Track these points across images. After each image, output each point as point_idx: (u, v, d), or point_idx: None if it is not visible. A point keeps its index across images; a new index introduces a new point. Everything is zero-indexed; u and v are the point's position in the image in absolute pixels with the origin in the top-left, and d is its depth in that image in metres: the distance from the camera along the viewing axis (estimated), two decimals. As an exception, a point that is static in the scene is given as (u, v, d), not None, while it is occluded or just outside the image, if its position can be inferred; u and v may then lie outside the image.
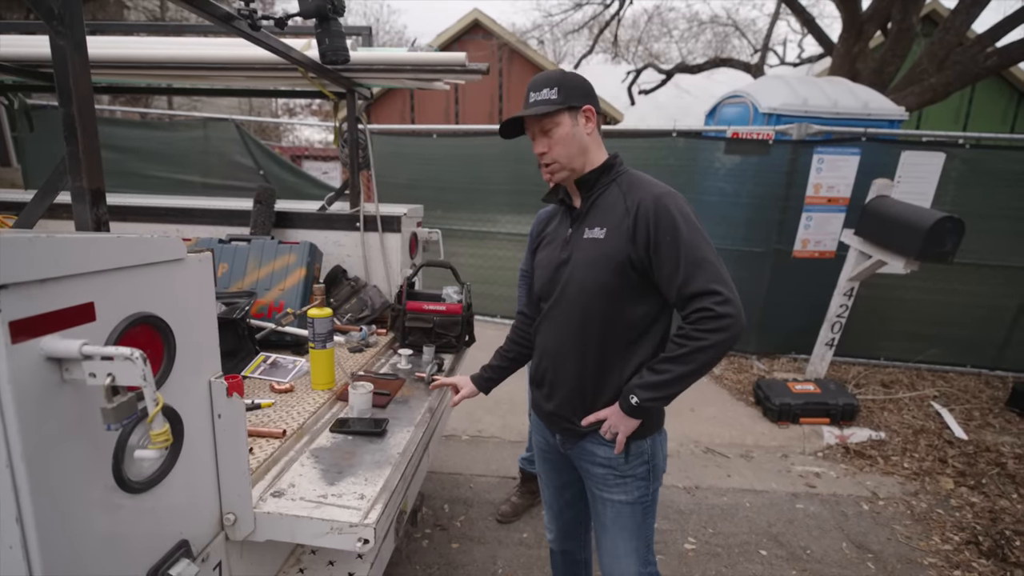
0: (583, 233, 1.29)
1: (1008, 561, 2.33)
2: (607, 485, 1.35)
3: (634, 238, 1.20)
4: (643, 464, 1.33)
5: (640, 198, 1.21)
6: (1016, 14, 6.15)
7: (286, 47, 1.72)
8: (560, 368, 1.35)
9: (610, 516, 1.36)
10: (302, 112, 17.95)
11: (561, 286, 1.31)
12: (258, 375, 1.76)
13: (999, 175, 3.83)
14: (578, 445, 1.38)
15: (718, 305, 1.13)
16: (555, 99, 1.22)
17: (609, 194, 1.28)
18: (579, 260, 1.28)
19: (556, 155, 1.26)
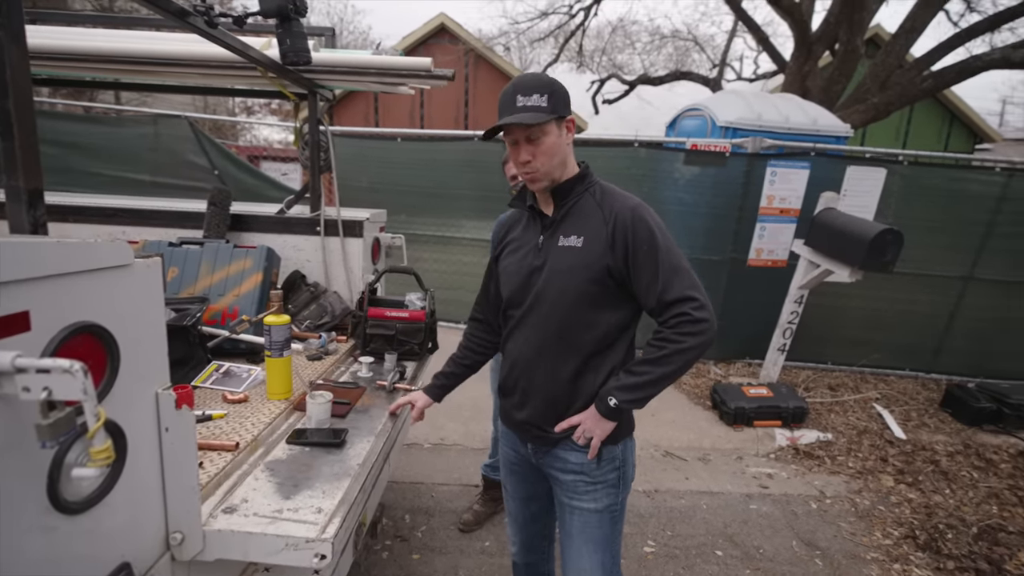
0: (557, 240, 1.28)
1: (941, 553, 2.47)
2: (576, 492, 1.34)
3: (612, 247, 1.22)
4: (614, 470, 1.33)
5: (617, 209, 1.24)
6: (947, 42, 6.62)
7: (244, 46, 1.67)
8: (534, 376, 1.34)
9: (577, 525, 1.35)
10: (261, 111, 17.41)
11: (535, 293, 1.30)
12: (210, 385, 1.69)
13: (934, 190, 4.10)
14: (550, 453, 1.37)
15: (695, 310, 1.17)
16: (545, 107, 1.20)
17: (584, 203, 1.29)
18: (555, 267, 1.27)
19: (540, 164, 1.24)
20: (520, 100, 1.20)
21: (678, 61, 15.17)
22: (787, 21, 7.13)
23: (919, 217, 4.02)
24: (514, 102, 1.21)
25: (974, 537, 2.54)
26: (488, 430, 3.38)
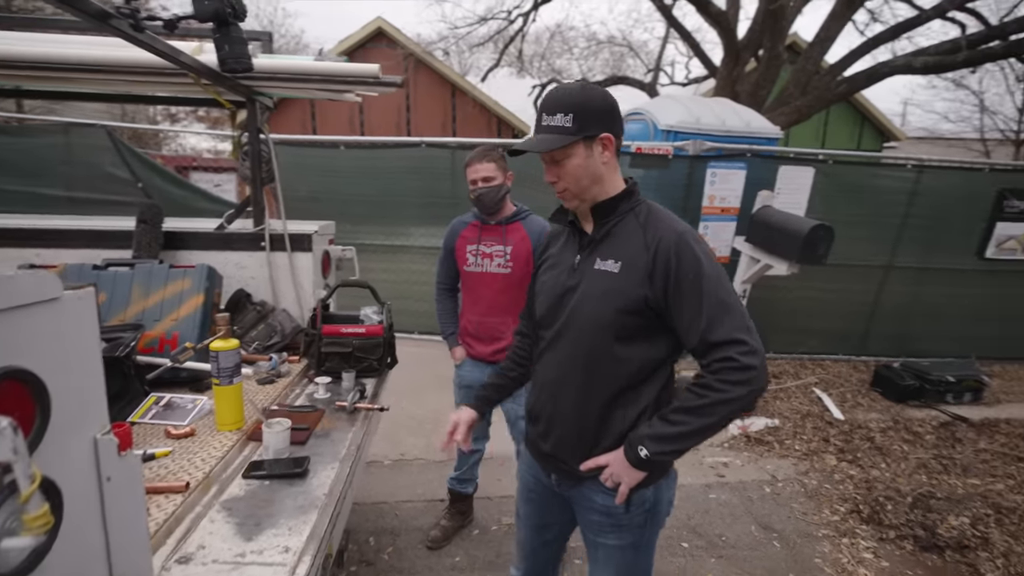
0: (594, 263, 1.19)
1: (883, 524, 2.65)
2: (601, 531, 1.28)
3: (652, 277, 1.11)
4: (643, 513, 1.24)
5: (661, 234, 1.12)
6: (856, 50, 7.18)
7: (175, 51, 1.55)
8: (559, 404, 1.25)
9: (602, 558, 1.31)
10: (186, 118, 16.44)
11: (566, 316, 1.22)
12: (150, 420, 1.55)
13: (856, 186, 4.42)
14: (574, 488, 1.29)
15: (743, 355, 1.04)
16: (569, 128, 1.11)
17: (626, 224, 1.19)
18: (588, 292, 1.18)
19: (567, 184, 1.17)
20: (544, 119, 1.14)
21: (614, 66, 15.62)
22: (715, 29, 7.50)
23: (844, 212, 4.32)
24: (540, 121, 1.15)
25: (910, 506, 2.74)
26: (450, 441, 3.32)
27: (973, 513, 2.65)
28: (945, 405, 4.03)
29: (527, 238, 2.07)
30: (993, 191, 4.44)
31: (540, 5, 9.77)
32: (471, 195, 2.05)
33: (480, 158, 2.02)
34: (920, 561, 2.42)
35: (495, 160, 2.03)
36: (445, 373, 4.36)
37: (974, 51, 6.41)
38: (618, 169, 1.22)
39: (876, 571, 2.35)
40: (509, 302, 2.09)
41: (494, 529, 2.55)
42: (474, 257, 2.09)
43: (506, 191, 2.07)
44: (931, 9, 6.97)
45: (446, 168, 4.55)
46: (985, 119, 14.36)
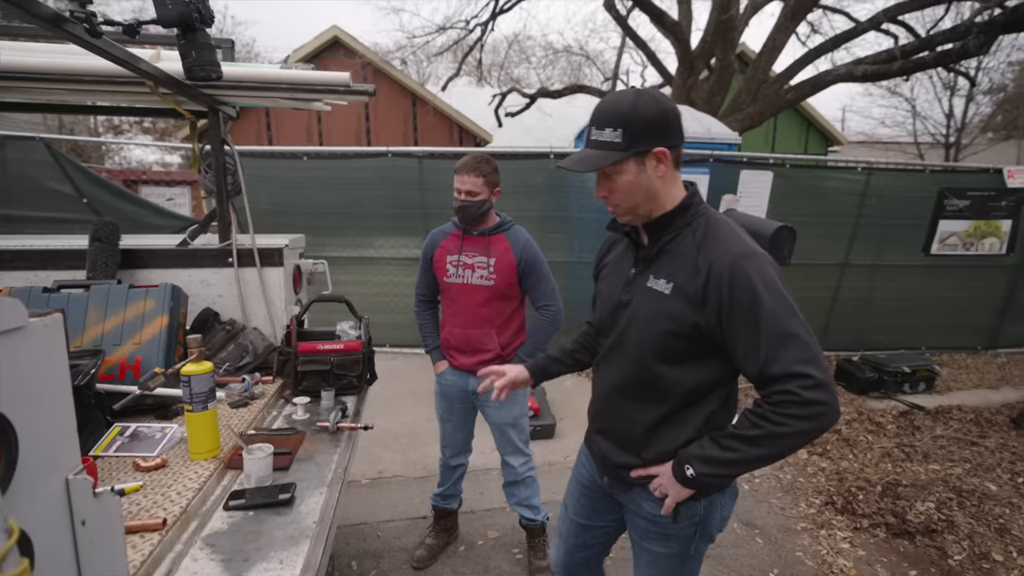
0: (647, 280, 1.15)
1: (857, 513, 2.74)
2: (647, 536, 1.28)
3: (704, 303, 1.04)
4: (692, 526, 1.21)
5: (714, 257, 1.04)
6: (800, 60, 7.56)
7: (134, 58, 1.46)
8: (614, 416, 1.26)
9: (645, 561, 1.31)
10: (131, 129, 15.66)
11: (619, 331, 1.21)
12: (114, 452, 1.44)
13: (812, 189, 4.62)
14: (625, 493, 1.30)
15: (806, 390, 0.96)
16: (619, 143, 1.06)
17: (682, 241, 1.12)
18: (639, 311, 1.15)
19: (618, 200, 1.14)
20: (594, 133, 1.09)
21: (572, 75, 15.89)
22: (670, 39, 7.74)
23: (801, 213, 4.50)
24: (589, 134, 1.10)
25: (879, 495, 2.84)
26: (428, 457, 3.24)
27: (937, 498, 2.77)
28: (902, 395, 4.24)
29: (510, 250, 2.04)
30: (934, 191, 4.73)
31: (498, 15, 9.84)
32: (454, 203, 2.01)
33: (470, 170, 1.97)
34: (893, 547, 2.51)
35: (484, 175, 1.97)
36: (420, 387, 4.29)
37: (907, 61, 6.85)
38: (677, 180, 1.15)
39: (854, 560, 2.42)
40: (491, 314, 2.05)
41: (480, 544, 2.50)
42: (455, 268, 2.05)
43: (488, 207, 2.02)
44: (866, 21, 7.41)
45: (414, 178, 4.49)
46: (917, 124, 15.36)
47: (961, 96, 14.18)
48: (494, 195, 2.03)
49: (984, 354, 5.37)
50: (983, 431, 3.71)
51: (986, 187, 4.77)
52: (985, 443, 3.51)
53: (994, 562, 2.37)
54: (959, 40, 6.34)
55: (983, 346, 5.38)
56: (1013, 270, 5.11)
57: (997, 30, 6.06)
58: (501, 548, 2.47)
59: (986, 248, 4.94)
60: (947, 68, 8.33)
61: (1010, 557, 2.41)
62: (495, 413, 2.16)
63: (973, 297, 5.13)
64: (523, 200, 4.49)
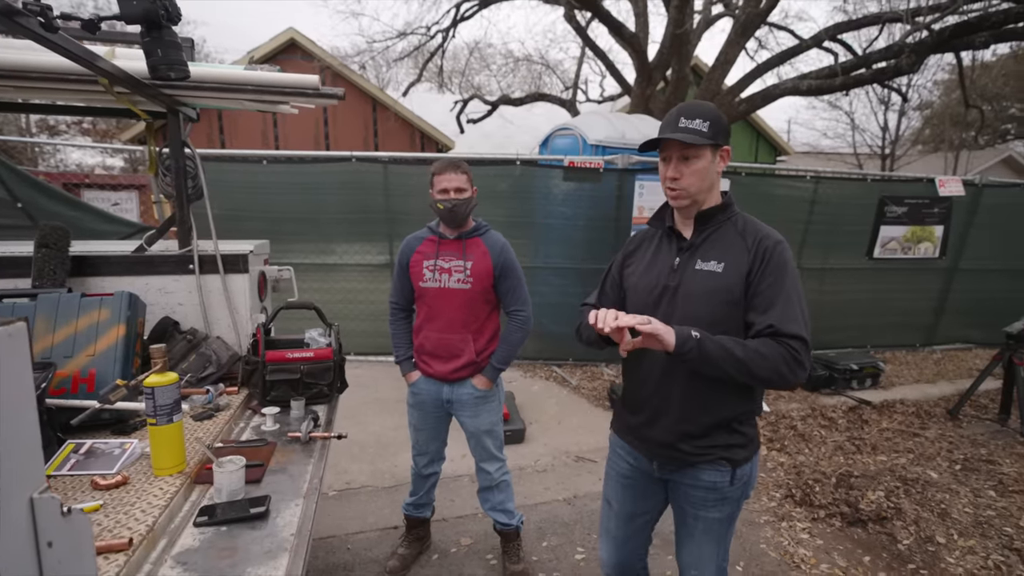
0: (695, 264, 1.32)
1: (814, 505, 2.87)
2: (705, 505, 1.39)
3: (749, 272, 1.26)
4: (742, 486, 1.39)
5: (761, 238, 1.28)
6: (750, 73, 7.94)
7: (91, 55, 1.39)
8: (666, 394, 1.36)
9: (700, 528, 1.42)
10: (69, 130, 14.77)
11: (666, 313, 1.32)
12: (68, 471, 1.35)
13: (766, 196, 4.84)
14: (680, 471, 1.40)
15: (803, 352, 1.20)
16: (706, 132, 1.25)
17: (725, 231, 1.33)
18: (692, 290, 1.30)
19: (687, 184, 1.29)
20: (683, 122, 1.26)
21: (532, 83, 16.08)
22: (628, 50, 7.97)
23: (757, 218, 4.69)
24: (676, 122, 1.27)
25: (834, 486, 2.99)
26: (396, 466, 3.19)
27: (886, 487, 2.94)
28: (851, 391, 4.48)
29: (487, 254, 2.05)
30: (875, 199, 5.04)
31: (459, 22, 9.87)
32: (439, 205, 1.98)
33: (454, 168, 1.97)
34: (848, 535, 2.64)
35: (467, 172, 2.01)
36: (386, 395, 4.22)
37: (847, 76, 7.29)
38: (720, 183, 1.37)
39: (813, 549, 2.53)
40: (468, 318, 2.05)
41: (454, 552, 2.47)
42: (431, 272, 2.04)
43: (474, 204, 2.03)
44: (809, 39, 7.86)
45: (378, 183, 4.43)
46: (856, 136, 16.35)
47: (895, 111, 15.21)
48: (474, 193, 2.04)
49: (922, 351, 5.75)
50: (924, 423, 3.96)
51: (921, 195, 5.13)
52: (926, 434, 3.75)
53: (938, 544, 2.54)
54: (893, 59, 6.81)
55: (921, 343, 5.76)
56: (945, 272, 5.50)
57: (927, 50, 6.54)
58: (475, 555, 2.45)
59: (921, 252, 5.30)
60: (882, 84, 8.93)
61: (952, 539, 2.58)
62: (471, 421, 2.15)
63: (911, 298, 5.49)
64: (488, 206, 4.49)
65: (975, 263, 5.50)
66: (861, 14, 8.36)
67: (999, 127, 16.70)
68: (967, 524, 2.69)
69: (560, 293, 4.59)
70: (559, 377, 4.73)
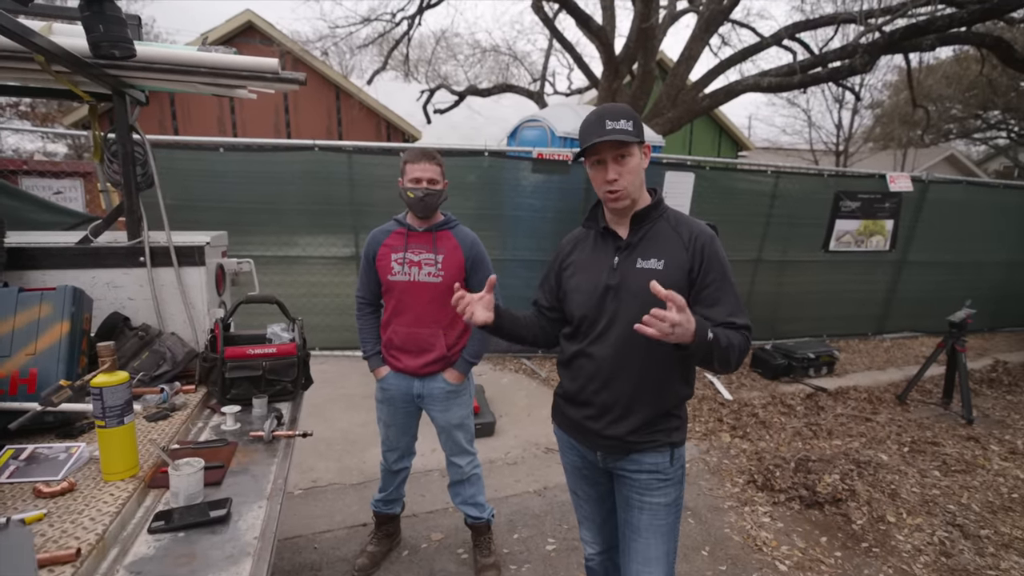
0: (635, 263, 1.36)
1: (775, 489, 2.97)
2: (649, 489, 1.42)
3: (691, 269, 1.32)
4: (680, 467, 1.45)
5: (696, 232, 1.35)
6: (713, 69, 8.08)
7: (26, 30, 1.28)
8: (616, 388, 1.39)
9: (646, 520, 1.43)
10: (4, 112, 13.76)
11: (612, 312, 1.37)
12: (7, 478, 1.26)
13: (728, 190, 4.95)
14: (624, 458, 1.44)
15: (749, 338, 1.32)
16: (631, 131, 1.30)
17: (660, 228, 1.38)
18: (634, 288, 1.33)
19: (625, 183, 1.32)
20: (609, 124, 1.29)
21: (499, 74, 15.94)
22: (595, 43, 7.98)
23: (720, 212, 4.80)
24: (603, 125, 1.30)
25: (793, 471, 3.10)
26: (365, 463, 3.13)
27: (841, 470, 3.07)
28: (808, 379, 4.65)
29: (459, 247, 2.01)
30: (831, 194, 5.23)
31: (425, 9, 9.67)
32: (408, 193, 1.93)
33: (428, 158, 1.93)
34: (806, 518, 2.75)
35: (441, 164, 1.97)
36: (353, 391, 4.14)
37: (806, 75, 7.51)
38: None
39: (774, 532, 2.63)
40: (439, 312, 2.01)
41: (424, 547, 2.45)
42: (400, 265, 1.99)
43: (445, 197, 2.00)
44: (770, 37, 8.05)
45: (343, 173, 4.31)
46: (812, 133, 16.94)
47: (848, 109, 15.84)
48: (445, 185, 2.00)
49: (873, 339, 6.03)
50: (875, 408, 4.16)
51: (873, 190, 5.35)
52: (877, 419, 3.93)
53: (889, 523, 2.67)
54: (848, 58, 7.05)
55: (872, 332, 6.03)
56: (895, 265, 5.77)
57: (879, 51, 6.80)
58: (446, 550, 2.44)
59: (873, 245, 5.54)
60: (837, 83, 9.24)
61: (901, 518, 2.71)
62: (442, 415, 2.13)
63: (864, 289, 5.74)
64: (457, 198, 4.42)
65: (922, 255, 5.79)
66: (818, 14, 8.63)
67: (943, 127, 17.61)
68: (915, 503, 2.84)
69: (528, 286, 4.58)
70: (528, 369, 4.74)
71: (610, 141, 1.28)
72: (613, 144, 1.30)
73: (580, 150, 1.34)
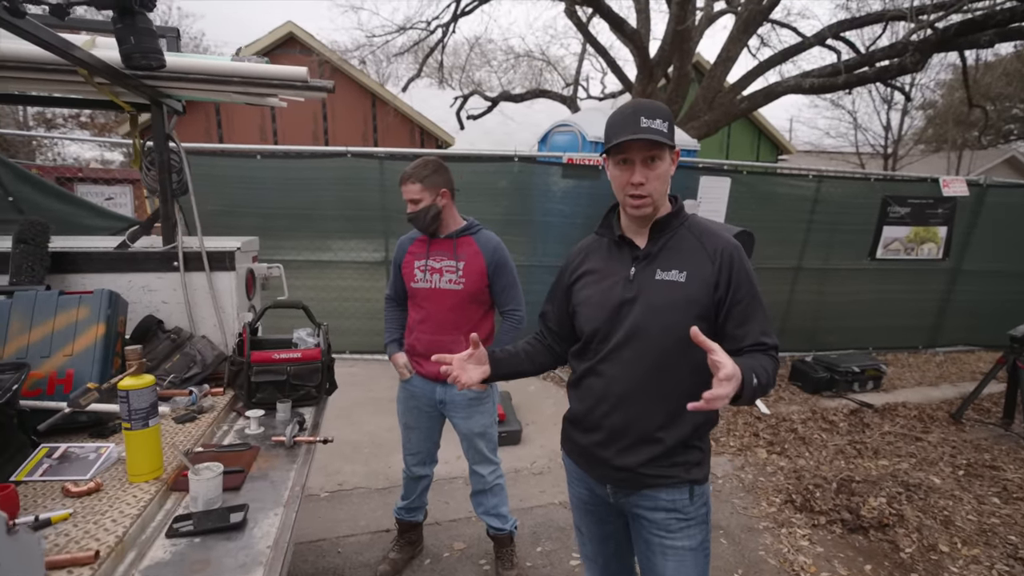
0: (654, 274, 1.24)
1: (814, 511, 2.82)
2: (670, 531, 1.28)
3: (717, 284, 1.21)
4: (704, 505, 1.31)
5: (723, 246, 1.23)
6: (752, 71, 7.86)
7: (65, 43, 1.32)
8: (628, 411, 1.26)
9: (672, 568, 1.28)
10: (67, 123, 14.67)
11: (628, 327, 1.24)
12: (40, 477, 1.30)
13: (768, 195, 4.77)
14: (636, 493, 1.30)
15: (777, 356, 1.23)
16: (667, 133, 1.18)
17: (681, 238, 1.27)
18: (654, 302, 1.22)
19: (652, 188, 1.20)
20: (644, 122, 1.16)
21: (533, 79, 15.98)
22: (629, 47, 7.87)
23: (758, 218, 4.63)
24: (638, 122, 1.16)
25: (835, 492, 2.94)
26: (391, 468, 3.14)
27: (888, 493, 2.89)
28: (852, 394, 4.42)
29: (480, 253, 1.99)
30: (878, 199, 4.97)
31: (459, 17, 9.78)
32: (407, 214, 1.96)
33: (407, 178, 1.92)
34: (849, 543, 2.59)
35: (422, 179, 1.91)
36: (381, 394, 4.16)
37: (851, 75, 7.21)
38: None
39: (813, 557, 2.48)
40: (460, 319, 2.00)
41: (446, 556, 2.42)
42: (422, 273, 1.99)
43: (436, 211, 1.95)
44: (812, 37, 7.77)
45: (374, 179, 4.37)
46: (859, 135, 16.26)
47: (897, 110, 15.12)
48: (441, 197, 1.95)
49: (924, 353, 5.69)
50: (926, 427, 3.91)
51: (924, 195, 5.06)
52: (928, 438, 3.70)
53: (941, 553, 2.48)
54: (897, 57, 6.73)
55: (923, 345, 5.70)
56: (949, 273, 5.44)
57: (931, 48, 6.46)
58: (468, 560, 2.40)
59: (925, 253, 5.24)
60: (885, 83, 8.84)
61: (955, 548, 2.52)
62: (464, 423, 2.10)
63: (914, 299, 5.43)
64: (486, 203, 4.45)
65: (979, 264, 5.43)
66: (864, 12, 8.27)
67: (1002, 127, 16.61)
68: (971, 532, 2.64)
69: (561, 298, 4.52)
70: (557, 377, 4.68)
71: (642, 140, 1.14)
72: (645, 144, 1.16)
73: (607, 146, 1.20)
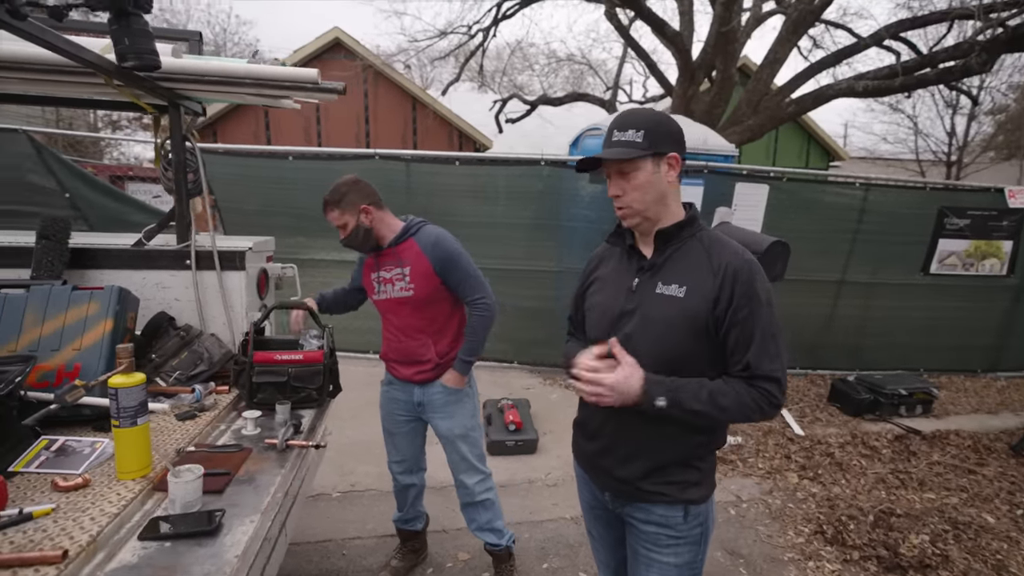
0: (655, 287, 1.20)
1: (847, 545, 2.61)
2: (658, 545, 1.26)
3: (716, 301, 1.14)
4: (698, 526, 1.27)
5: (727, 260, 1.15)
6: (802, 73, 7.51)
7: (73, 46, 1.35)
8: (620, 423, 1.25)
9: None
10: (130, 125, 15.59)
11: (623, 340, 1.19)
12: (36, 468, 1.33)
13: (810, 203, 4.52)
14: (630, 504, 1.30)
15: (779, 395, 1.15)
16: (639, 143, 1.15)
17: (689, 250, 1.20)
18: (651, 316, 1.19)
19: (630, 200, 1.18)
20: (616, 135, 1.18)
21: (574, 83, 15.86)
22: (671, 50, 7.67)
23: (798, 228, 4.39)
24: (610, 137, 1.19)
25: (871, 525, 2.71)
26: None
27: (932, 530, 2.65)
28: (898, 418, 4.11)
29: (422, 254, 1.91)
30: (934, 209, 4.62)
31: (500, 21, 9.80)
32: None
33: (325, 206, 1.89)
34: (884, 582, 2.38)
35: (337, 204, 1.86)
36: (399, 395, 4.17)
37: (909, 77, 6.77)
38: (680, 194, 1.24)
39: (842, 595, 2.30)
40: (423, 322, 1.97)
41: (449, 566, 2.37)
42: (378, 285, 1.99)
43: (365, 230, 1.89)
44: (868, 37, 7.35)
45: (401, 181, 4.40)
46: (919, 141, 15.31)
47: (963, 115, 14.14)
48: (364, 214, 1.88)
49: (984, 377, 5.24)
50: (981, 458, 3.58)
51: (987, 207, 4.67)
52: (983, 471, 3.38)
53: (990, 602, 2.25)
54: (961, 58, 6.26)
55: (983, 369, 5.25)
56: (1014, 291, 5.00)
57: (1000, 48, 5.99)
58: (471, 572, 2.35)
59: (986, 269, 4.83)
60: (949, 86, 8.29)
61: (1007, 597, 2.28)
62: (443, 423, 2.05)
63: (973, 318, 5.01)
64: (514, 207, 4.40)
65: (1049, 283, 4.97)
66: (927, 11, 7.76)
67: (1084, 134, 15.23)
68: (1026, 580, 2.38)
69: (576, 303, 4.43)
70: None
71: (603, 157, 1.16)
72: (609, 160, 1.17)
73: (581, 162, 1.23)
